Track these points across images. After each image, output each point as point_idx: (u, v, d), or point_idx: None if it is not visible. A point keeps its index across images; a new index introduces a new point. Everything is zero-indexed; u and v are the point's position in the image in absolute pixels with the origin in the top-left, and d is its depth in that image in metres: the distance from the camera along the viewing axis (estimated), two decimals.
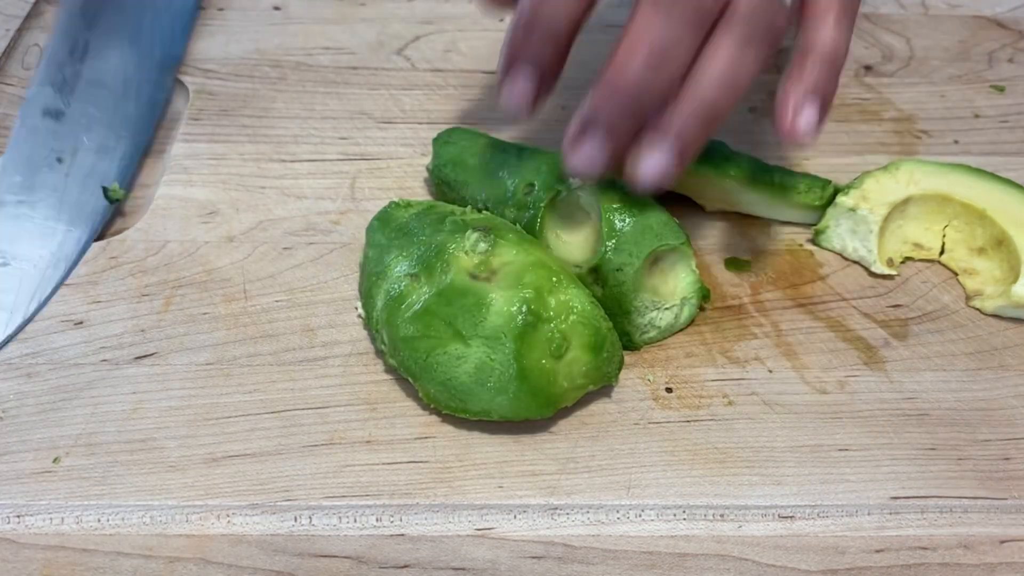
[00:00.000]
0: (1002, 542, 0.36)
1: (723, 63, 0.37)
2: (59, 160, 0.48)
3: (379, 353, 0.41)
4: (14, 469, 0.38)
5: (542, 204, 0.42)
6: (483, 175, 0.46)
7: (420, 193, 0.50)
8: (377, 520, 0.37)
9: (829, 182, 0.47)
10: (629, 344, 0.42)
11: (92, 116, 0.51)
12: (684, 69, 0.37)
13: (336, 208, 0.49)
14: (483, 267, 0.38)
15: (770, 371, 0.42)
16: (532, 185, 0.43)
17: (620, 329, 0.41)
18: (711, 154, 0.46)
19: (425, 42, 0.59)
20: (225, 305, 0.44)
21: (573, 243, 0.43)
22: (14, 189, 0.48)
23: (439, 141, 0.50)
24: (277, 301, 0.44)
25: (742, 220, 0.49)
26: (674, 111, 0.37)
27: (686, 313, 0.43)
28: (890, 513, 0.37)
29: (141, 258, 0.46)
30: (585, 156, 0.38)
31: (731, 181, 0.47)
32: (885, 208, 0.46)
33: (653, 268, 0.42)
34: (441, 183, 0.48)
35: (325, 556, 0.36)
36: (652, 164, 0.38)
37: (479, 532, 0.36)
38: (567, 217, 0.43)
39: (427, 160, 0.51)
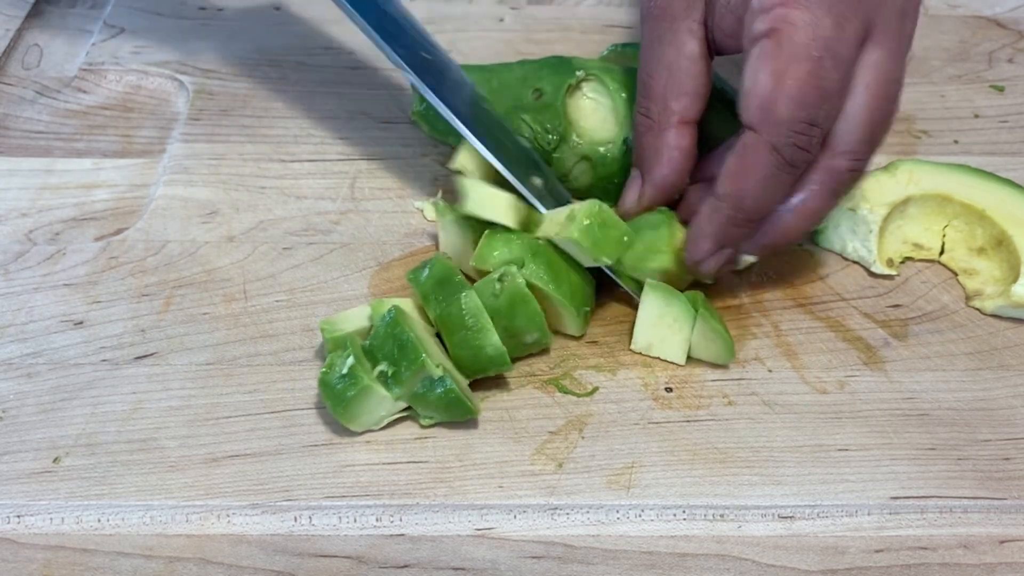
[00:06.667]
0: (1002, 542, 0.36)
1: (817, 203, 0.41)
2: None
3: None
4: (14, 469, 0.38)
5: (559, 102, 0.46)
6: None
7: (420, 193, 0.50)
8: (377, 520, 0.37)
9: None
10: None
11: None
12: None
13: (336, 208, 0.49)
14: None
15: (770, 371, 0.42)
16: (539, 91, 0.47)
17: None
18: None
19: None
20: (225, 305, 0.44)
21: (595, 123, 0.47)
22: None
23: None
24: (277, 301, 0.44)
25: None
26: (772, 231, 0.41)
27: None
28: (890, 513, 0.37)
29: (141, 258, 0.46)
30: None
31: None
32: (885, 208, 0.46)
33: None
34: (432, 123, 0.49)
35: (325, 556, 0.36)
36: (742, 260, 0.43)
37: (479, 532, 0.36)
38: (581, 105, 0.48)
39: (427, 159, 0.51)
